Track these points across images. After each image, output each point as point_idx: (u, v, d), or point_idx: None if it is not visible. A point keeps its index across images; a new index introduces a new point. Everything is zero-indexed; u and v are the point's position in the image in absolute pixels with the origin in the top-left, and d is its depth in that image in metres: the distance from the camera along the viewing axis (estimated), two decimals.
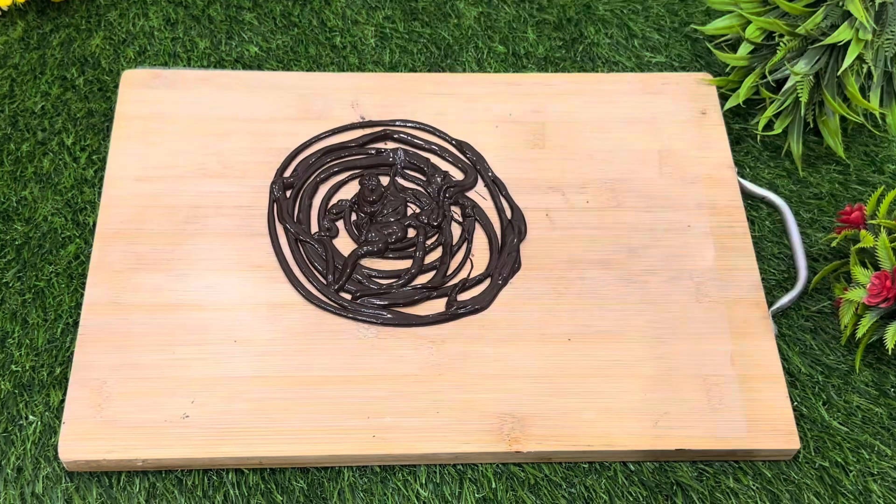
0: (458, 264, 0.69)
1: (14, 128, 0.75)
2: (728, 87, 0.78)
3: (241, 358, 0.64)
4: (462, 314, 0.66)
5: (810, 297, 0.71)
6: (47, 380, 0.65)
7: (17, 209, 0.71)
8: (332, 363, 0.64)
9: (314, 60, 0.80)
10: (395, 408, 0.63)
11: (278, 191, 0.71)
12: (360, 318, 0.66)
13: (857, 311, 0.66)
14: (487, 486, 0.62)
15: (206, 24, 0.82)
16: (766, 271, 0.71)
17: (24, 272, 0.69)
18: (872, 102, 0.73)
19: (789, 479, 0.63)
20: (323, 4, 0.84)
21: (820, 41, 0.72)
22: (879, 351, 0.68)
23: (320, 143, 0.74)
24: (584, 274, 0.69)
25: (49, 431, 0.63)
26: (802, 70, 0.72)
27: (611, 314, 0.67)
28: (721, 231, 0.71)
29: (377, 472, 0.62)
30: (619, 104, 0.77)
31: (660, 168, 0.74)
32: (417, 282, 0.68)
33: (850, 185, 0.76)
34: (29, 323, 0.67)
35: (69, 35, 0.80)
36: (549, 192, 0.72)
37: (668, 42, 0.83)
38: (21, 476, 0.61)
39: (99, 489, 0.61)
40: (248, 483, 0.62)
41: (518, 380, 0.64)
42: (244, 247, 0.69)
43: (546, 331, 0.66)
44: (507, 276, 0.68)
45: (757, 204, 0.75)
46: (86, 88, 0.78)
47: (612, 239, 0.71)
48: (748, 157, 0.77)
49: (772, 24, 0.73)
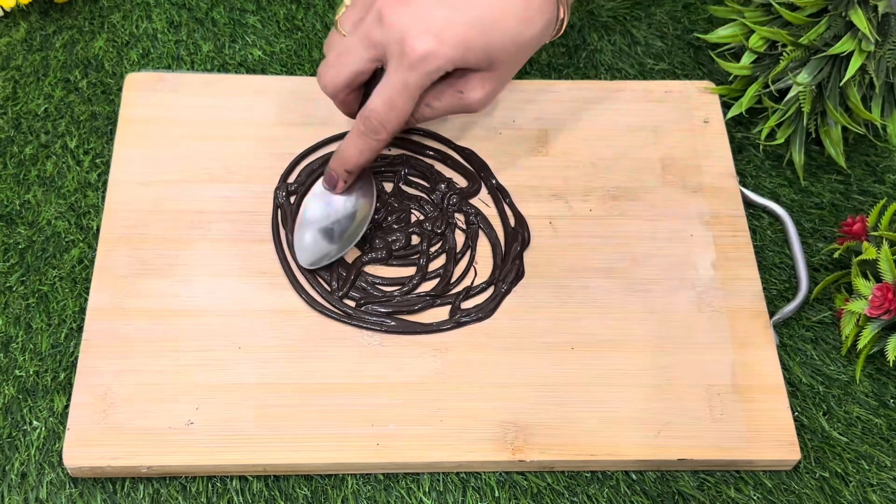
0: (462, 272, 0.69)
1: (17, 130, 0.75)
2: (730, 96, 0.79)
3: (246, 364, 0.64)
4: (466, 322, 0.67)
5: (811, 308, 0.71)
6: (51, 385, 0.65)
7: (20, 212, 0.71)
8: (336, 370, 0.64)
9: (318, 64, 0.80)
10: (398, 416, 0.63)
11: (282, 197, 0.71)
12: (363, 325, 0.66)
13: (858, 323, 0.66)
14: (490, 494, 0.62)
15: (209, 27, 0.82)
16: (767, 281, 0.72)
17: (27, 276, 0.69)
18: (874, 113, 0.73)
19: (790, 490, 0.64)
20: (326, 8, 0.84)
21: (823, 52, 0.72)
22: (880, 362, 0.69)
23: (324, 149, 0.74)
24: (587, 283, 0.69)
25: (53, 437, 0.63)
26: (805, 80, 0.73)
27: (614, 323, 0.67)
28: (723, 241, 0.72)
29: (380, 479, 0.63)
30: (622, 112, 0.77)
31: (662, 176, 0.74)
32: (421, 289, 0.68)
33: (852, 195, 0.76)
34: (33, 327, 0.67)
35: (72, 37, 0.80)
36: (552, 200, 0.73)
37: (671, 49, 0.83)
38: (25, 482, 0.62)
39: (103, 495, 0.61)
40: (252, 490, 0.62)
41: (521, 388, 0.64)
42: (249, 252, 0.69)
43: (549, 339, 0.67)
44: (511, 283, 0.69)
45: (758, 213, 0.75)
46: (89, 91, 0.78)
47: (614, 248, 0.71)
48: (750, 165, 0.78)
49: (775, 34, 0.73)
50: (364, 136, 0.64)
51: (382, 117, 0.63)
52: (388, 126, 0.63)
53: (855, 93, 0.72)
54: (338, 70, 0.64)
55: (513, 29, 0.62)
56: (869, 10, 0.70)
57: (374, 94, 0.63)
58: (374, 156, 0.66)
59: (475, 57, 0.62)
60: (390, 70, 0.62)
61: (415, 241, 0.70)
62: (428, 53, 0.60)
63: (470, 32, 0.61)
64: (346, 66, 0.64)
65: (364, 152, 0.65)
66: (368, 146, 0.65)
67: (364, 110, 0.63)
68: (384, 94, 0.62)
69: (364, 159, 0.66)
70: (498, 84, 0.65)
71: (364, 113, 0.63)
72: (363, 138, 0.64)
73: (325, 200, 0.69)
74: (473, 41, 0.61)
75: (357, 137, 0.65)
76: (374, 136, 0.64)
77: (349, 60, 0.64)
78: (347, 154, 0.66)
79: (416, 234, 0.70)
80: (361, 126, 0.64)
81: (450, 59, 0.61)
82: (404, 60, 0.60)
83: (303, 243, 0.68)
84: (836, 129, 0.75)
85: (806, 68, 0.73)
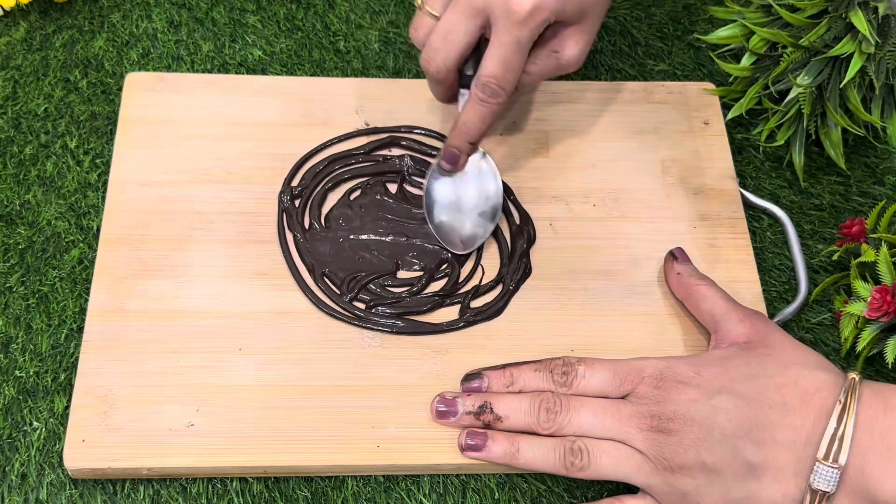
0: (469, 271, 0.69)
1: (17, 130, 0.75)
2: (730, 97, 0.79)
3: (246, 366, 0.64)
4: (477, 321, 0.67)
5: (810, 309, 0.71)
6: (51, 386, 0.65)
7: (20, 213, 0.71)
8: (337, 372, 0.64)
9: (318, 64, 0.80)
10: (399, 418, 0.63)
11: (287, 200, 0.71)
12: (373, 327, 0.66)
13: (857, 325, 0.66)
14: (490, 496, 0.63)
15: (209, 27, 0.82)
16: (766, 282, 0.72)
17: (27, 277, 0.69)
18: (874, 114, 0.73)
19: None
20: (327, 8, 0.84)
21: (823, 53, 0.72)
22: (879, 364, 0.69)
23: (327, 151, 0.74)
24: (588, 284, 0.69)
25: (53, 438, 0.63)
26: (805, 82, 0.73)
27: (614, 325, 0.68)
28: (723, 242, 0.72)
29: (381, 481, 0.63)
30: (623, 113, 0.78)
31: (662, 178, 0.75)
32: (429, 290, 0.68)
33: (851, 197, 0.77)
34: (33, 328, 0.67)
35: (72, 36, 0.80)
36: (552, 202, 0.73)
37: (672, 50, 0.83)
38: (25, 482, 0.62)
39: (103, 496, 0.61)
40: (253, 491, 0.62)
41: None
42: (249, 254, 0.69)
43: (549, 341, 0.67)
44: (519, 282, 0.69)
45: (758, 215, 0.75)
46: (89, 91, 0.77)
47: (615, 249, 0.71)
48: (750, 167, 0.78)
49: (775, 36, 0.73)
50: (484, 103, 0.65)
51: (501, 79, 0.64)
52: (506, 87, 0.64)
53: (855, 94, 0.72)
54: (448, 49, 0.65)
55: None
56: (869, 11, 0.70)
57: (486, 59, 0.63)
58: (496, 121, 0.68)
59: (572, 7, 0.64)
60: (498, 31, 0.62)
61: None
62: (534, 7, 0.61)
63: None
64: (455, 42, 0.64)
65: (486, 117, 0.66)
66: (491, 111, 0.65)
67: (480, 77, 0.64)
68: (498, 56, 0.63)
69: (486, 125, 0.66)
70: (589, 38, 0.67)
71: (481, 80, 0.64)
72: (484, 105, 0.65)
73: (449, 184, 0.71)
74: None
75: (478, 105, 0.65)
76: (496, 99, 0.65)
77: (457, 36, 0.64)
78: (470, 124, 0.66)
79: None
80: (480, 94, 0.64)
81: (553, 10, 0.62)
82: (513, 18, 0.61)
83: (448, 228, 0.70)
84: (836, 130, 0.75)
85: (806, 70, 0.73)
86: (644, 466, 0.59)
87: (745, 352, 0.61)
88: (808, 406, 0.57)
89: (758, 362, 0.59)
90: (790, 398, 0.57)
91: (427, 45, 0.65)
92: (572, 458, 0.59)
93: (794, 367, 0.59)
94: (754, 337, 0.61)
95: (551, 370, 0.62)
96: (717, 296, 0.65)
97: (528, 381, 0.62)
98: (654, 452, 0.58)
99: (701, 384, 0.58)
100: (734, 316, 0.63)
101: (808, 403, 0.57)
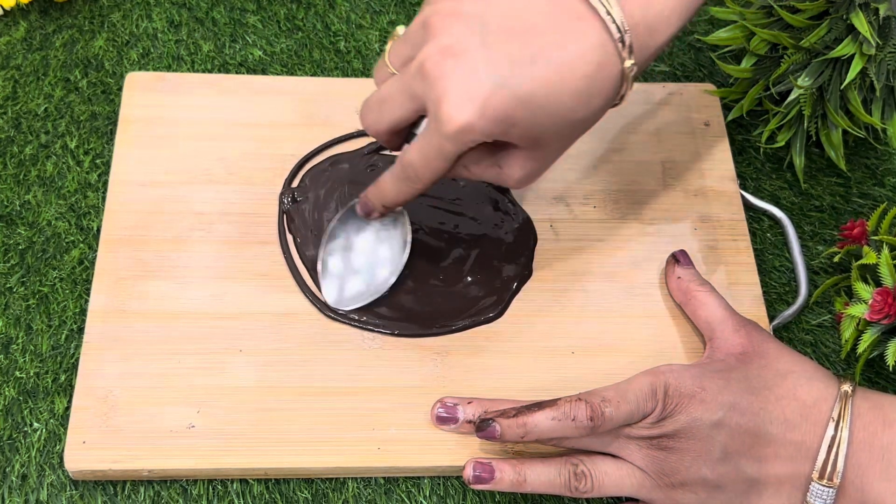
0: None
1: (17, 130, 0.75)
2: (731, 98, 0.79)
3: (247, 367, 0.64)
4: (480, 322, 0.67)
5: (811, 311, 0.71)
6: (52, 387, 0.65)
7: (20, 213, 0.71)
8: (337, 374, 0.64)
9: (318, 65, 0.80)
10: (399, 420, 0.63)
11: (287, 202, 0.71)
12: (375, 329, 0.66)
13: (858, 327, 0.66)
14: (491, 498, 0.63)
15: (209, 27, 0.82)
16: (767, 284, 0.72)
17: (27, 277, 0.69)
18: (875, 116, 0.73)
19: None
20: (327, 8, 0.84)
21: (823, 54, 0.72)
22: (879, 366, 0.69)
23: (326, 153, 0.74)
24: (588, 286, 0.69)
25: (54, 439, 0.63)
26: (806, 83, 0.73)
27: (614, 327, 0.68)
28: (723, 244, 0.72)
29: (381, 483, 0.63)
30: (623, 114, 0.77)
31: (663, 179, 0.74)
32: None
33: (852, 198, 0.77)
34: (33, 329, 0.67)
35: (72, 36, 0.80)
36: (553, 203, 0.73)
37: (672, 51, 0.83)
38: (26, 483, 0.62)
39: (104, 497, 0.61)
40: (253, 493, 0.62)
41: (521, 393, 0.64)
42: (250, 255, 0.69)
43: (549, 343, 0.67)
44: (521, 282, 0.69)
45: (758, 216, 0.75)
46: (89, 91, 0.77)
47: (615, 251, 0.71)
48: (750, 168, 0.78)
49: (776, 37, 0.73)
50: (402, 181, 0.60)
51: (419, 171, 0.58)
52: (424, 179, 0.59)
53: (856, 96, 0.72)
54: (379, 116, 0.59)
55: (566, 106, 0.55)
56: (870, 13, 0.70)
57: (413, 144, 0.58)
58: (413, 198, 0.62)
59: (518, 133, 0.56)
60: (428, 129, 0.56)
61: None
62: (465, 126, 0.54)
63: (516, 108, 0.54)
64: (386, 112, 0.59)
65: (402, 194, 0.61)
66: (407, 191, 0.61)
67: (403, 157, 0.59)
68: (422, 151, 0.57)
69: (401, 200, 0.62)
70: (539, 165, 0.60)
71: (403, 160, 0.59)
72: (402, 183, 0.60)
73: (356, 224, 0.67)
74: (518, 118, 0.54)
75: (395, 179, 0.61)
76: (412, 184, 0.60)
77: (390, 108, 0.58)
78: (386, 192, 0.62)
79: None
80: (400, 172, 0.60)
81: (488, 134, 0.55)
82: (441, 127, 0.54)
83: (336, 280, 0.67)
84: (837, 132, 0.75)
85: (807, 71, 0.73)
86: (645, 483, 0.59)
87: (742, 364, 0.60)
88: (808, 421, 0.57)
89: (756, 375, 0.59)
90: (790, 412, 0.58)
91: (367, 100, 0.61)
92: (576, 482, 0.59)
93: (790, 377, 0.59)
94: (749, 348, 0.61)
95: (573, 418, 0.58)
96: (715, 303, 0.65)
97: (544, 430, 0.58)
98: (654, 469, 0.58)
99: (706, 399, 0.58)
100: (730, 325, 0.63)
101: (808, 418, 0.57)
